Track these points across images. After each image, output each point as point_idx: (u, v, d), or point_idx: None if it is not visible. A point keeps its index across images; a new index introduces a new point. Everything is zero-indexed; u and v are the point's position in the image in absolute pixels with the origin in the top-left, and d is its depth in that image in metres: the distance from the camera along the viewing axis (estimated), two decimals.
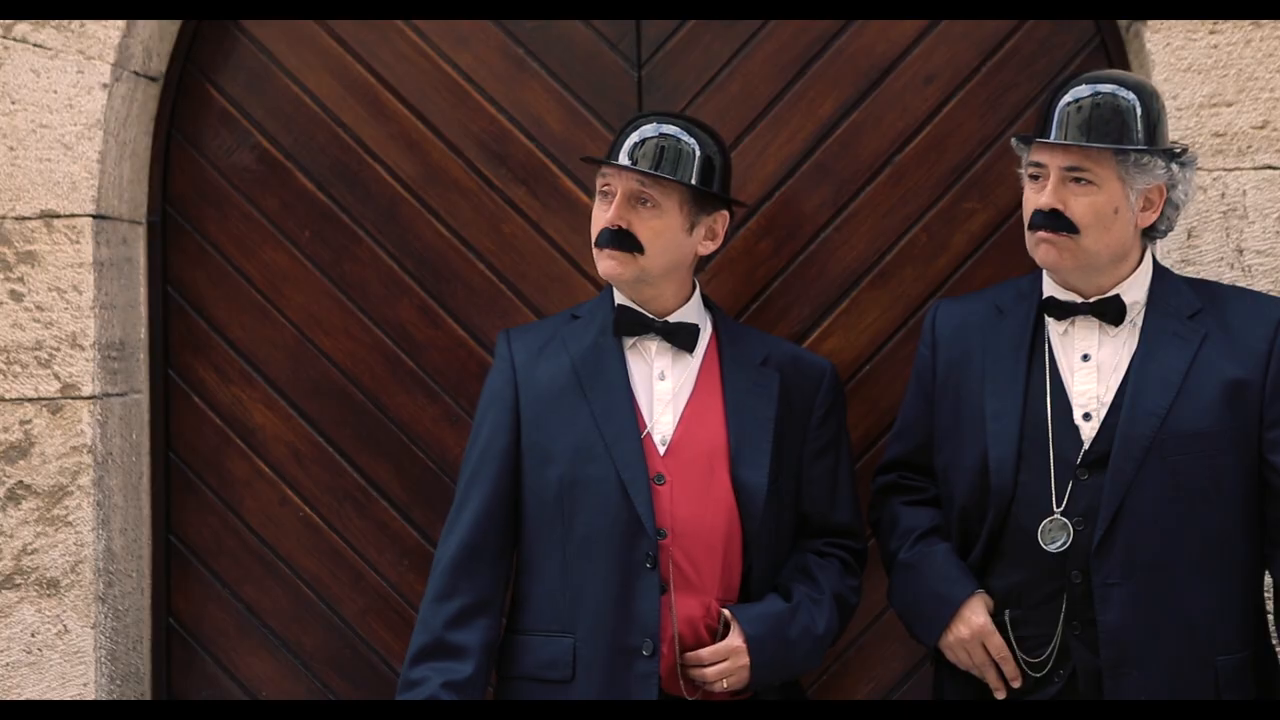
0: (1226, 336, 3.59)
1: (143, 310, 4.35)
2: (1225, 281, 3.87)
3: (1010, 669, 3.63)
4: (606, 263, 3.70)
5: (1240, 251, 3.98)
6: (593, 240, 3.73)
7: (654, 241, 3.69)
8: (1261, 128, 3.98)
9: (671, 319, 3.77)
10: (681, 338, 3.76)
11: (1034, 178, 3.62)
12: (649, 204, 3.69)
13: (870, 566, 3.94)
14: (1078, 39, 4.21)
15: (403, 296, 4.34)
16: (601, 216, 3.72)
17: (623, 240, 3.68)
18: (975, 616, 3.63)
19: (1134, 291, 3.64)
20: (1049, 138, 3.58)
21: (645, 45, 4.30)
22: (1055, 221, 3.55)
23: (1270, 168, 3.98)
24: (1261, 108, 3.98)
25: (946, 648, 3.68)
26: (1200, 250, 3.96)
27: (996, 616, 3.64)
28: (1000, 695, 3.65)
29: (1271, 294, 3.83)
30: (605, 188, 3.73)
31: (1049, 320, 3.67)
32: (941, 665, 3.77)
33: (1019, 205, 4.17)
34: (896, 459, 3.85)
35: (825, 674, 4.25)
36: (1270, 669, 3.66)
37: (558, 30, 4.30)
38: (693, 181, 3.70)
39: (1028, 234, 3.63)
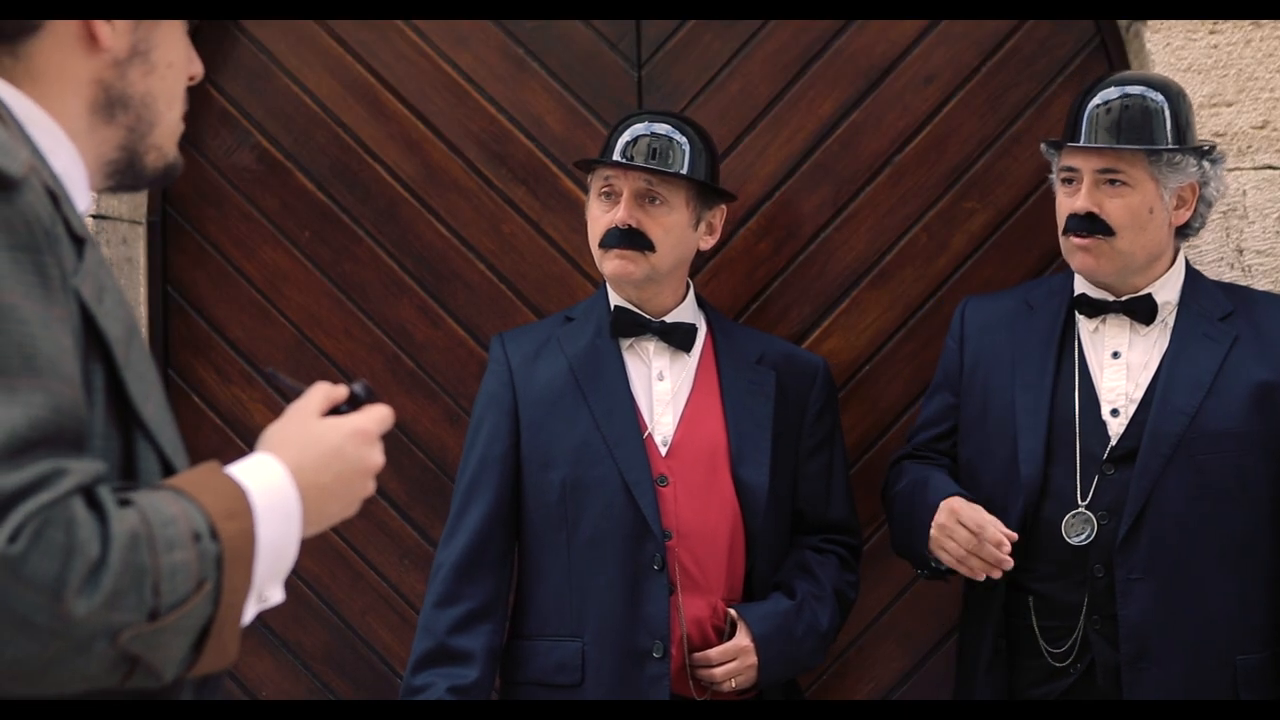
0: (1258, 340, 3.60)
1: (143, 310, 4.33)
2: (1225, 281, 3.87)
3: (993, 534, 3.46)
4: (615, 263, 3.67)
5: (1240, 251, 3.97)
6: (595, 241, 3.72)
7: (665, 239, 3.68)
8: (1261, 128, 3.98)
9: (668, 319, 3.76)
10: (679, 338, 3.74)
11: (1067, 181, 3.63)
12: (658, 201, 3.68)
13: (866, 564, 3.94)
14: (1078, 39, 4.20)
15: (403, 296, 4.33)
16: (603, 217, 3.69)
17: (634, 239, 3.65)
18: (950, 501, 3.51)
19: (1166, 291, 3.65)
20: (1079, 141, 3.58)
21: (645, 45, 4.29)
22: (1091, 224, 3.56)
23: (1270, 168, 3.98)
24: (1261, 108, 3.98)
25: (936, 547, 3.54)
26: (1200, 250, 3.96)
27: (1020, 598, 3.61)
28: (996, 575, 3.49)
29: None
30: (607, 188, 3.71)
31: (1080, 318, 3.68)
32: (964, 656, 3.75)
33: (1019, 205, 4.21)
34: (918, 448, 3.83)
35: (825, 674, 4.24)
36: None
37: (558, 30, 4.29)
38: (698, 176, 3.70)
39: (1062, 239, 3.64)
